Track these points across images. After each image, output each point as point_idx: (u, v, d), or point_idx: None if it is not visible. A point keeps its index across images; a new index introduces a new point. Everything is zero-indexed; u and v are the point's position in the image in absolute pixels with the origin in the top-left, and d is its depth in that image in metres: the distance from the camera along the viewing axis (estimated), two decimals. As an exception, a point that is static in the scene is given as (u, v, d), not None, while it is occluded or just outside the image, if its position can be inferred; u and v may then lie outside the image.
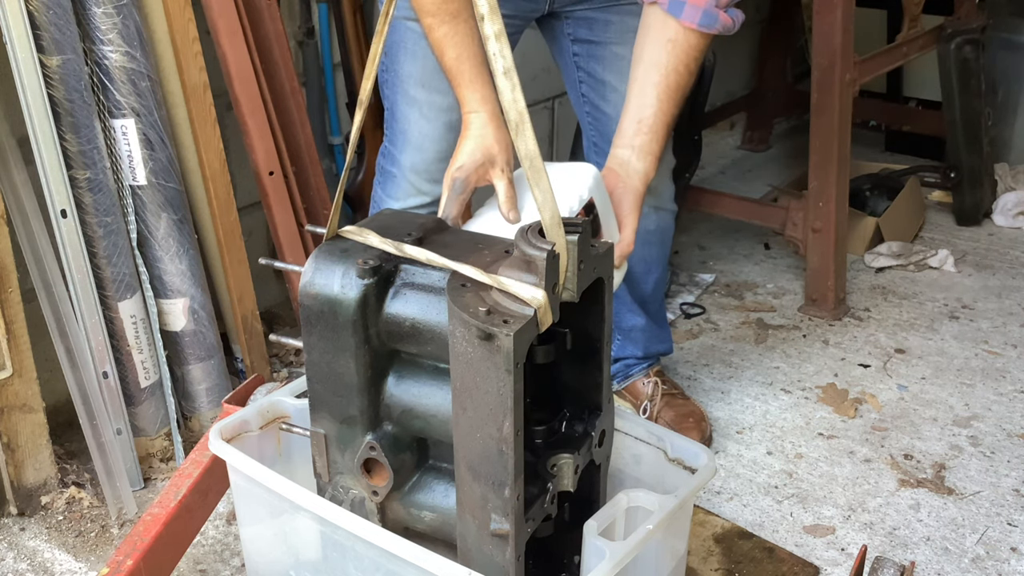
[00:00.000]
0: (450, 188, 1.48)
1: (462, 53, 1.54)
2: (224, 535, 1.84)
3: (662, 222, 2.01)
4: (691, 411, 2.10)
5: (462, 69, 1.54)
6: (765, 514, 1.90)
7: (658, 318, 2.16)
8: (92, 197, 1.83)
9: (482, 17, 1.05)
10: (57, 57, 1.74)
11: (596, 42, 1.81)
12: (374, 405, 1.27)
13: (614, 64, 1.79)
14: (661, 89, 1.54)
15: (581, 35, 1.81)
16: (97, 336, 1.85)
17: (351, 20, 2.44)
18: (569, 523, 1.34)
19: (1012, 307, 2.67)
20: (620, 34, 1.76)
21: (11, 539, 1.82)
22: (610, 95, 1.80)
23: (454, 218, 1.46)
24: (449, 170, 1.50)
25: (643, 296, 2.09)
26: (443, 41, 1.54)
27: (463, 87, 1.54)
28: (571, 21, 1.81)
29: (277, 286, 2.52)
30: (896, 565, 1.39)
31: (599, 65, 1.82)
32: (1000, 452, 2.08)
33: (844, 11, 2.38)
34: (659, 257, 2.06)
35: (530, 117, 1.08)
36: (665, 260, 2.10)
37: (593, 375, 1.28)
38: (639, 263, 2.02)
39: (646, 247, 1.99)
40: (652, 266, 2.06)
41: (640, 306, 2.10)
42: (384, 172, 1.89)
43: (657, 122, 1.55)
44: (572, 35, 1.82)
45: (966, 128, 3.03)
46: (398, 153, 1.83)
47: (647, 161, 1.55)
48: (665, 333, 2.19)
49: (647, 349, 2.16)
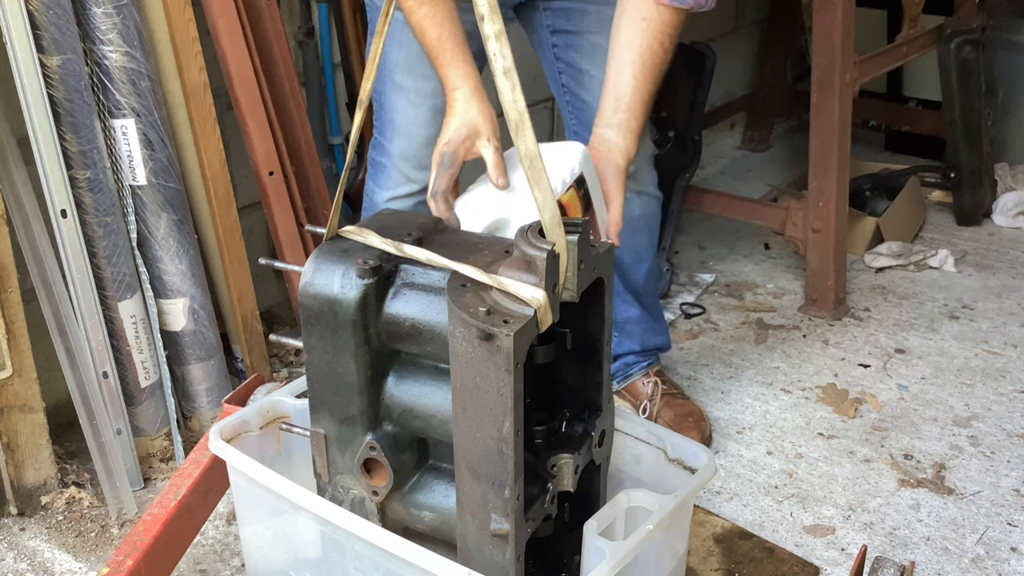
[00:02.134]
0: (438, 163, 1.50)
1: (443, 33, 1.56)
2: (224, 535, 1.84)
3: (647, 208, 2.01)
4: (691, 411, 2.10)
5: (443, 48, 1.56)
6: (765, 514, 1.90)
7: (653, 311, 2.16)
8: (92, 197, 1.83)
9: (482, 17, 1.05)
10: (57, 57, 1.74)
11: (574, 32, 1.82)
12: (374, 405, 1.27)
13: (592, 53, 1.81)
14: (637, 68, 1.58)
15: (560, 26, 1.83)
16: (97, 336, 1.85)
17: (351, 20, 2.44)
18: (569, 523, 1.34)
19: (1012, 307, 2.67)
20: (597, 23, 1.77)
21: (11, 539, 1.82)
22: (588, 83, 1.82)
23: (444, 192, 1.48)
24: (437, 146, 1.52)
25: (635, 286, 2.09)
26: (423, 22, 1.56)
27: (445, 66, 1.57)
28: (550, 13, 1.83)
29: (277, 286, 2.52)
30: (896, 565, 1.39)
31: (577, 54, 1.83)
32: (1000, 452, 2.08)
33: (844, 11, 2.38)
34: (648, 245, 2.06)
35: (530, 117, 1.08)
36: (654, 249, 2.10)
37: (593, 375, 1.28)
38: (628, 252, 2.03)
39: (633, 235, 2.00)
40: (642, 255, 2.06)
41: (634, 297, 2.09)
42: (375, 163, 1.91)
43: (635, 100, 1.59)
44: (551, 26, 1.84)
45: (966, 128, 3.03)
46: (387, 142, 1.85)
47: (628, 139, 1.59)
48: (662, 326, 2.19)
49: (644, 342, 2.15)
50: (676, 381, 2.27)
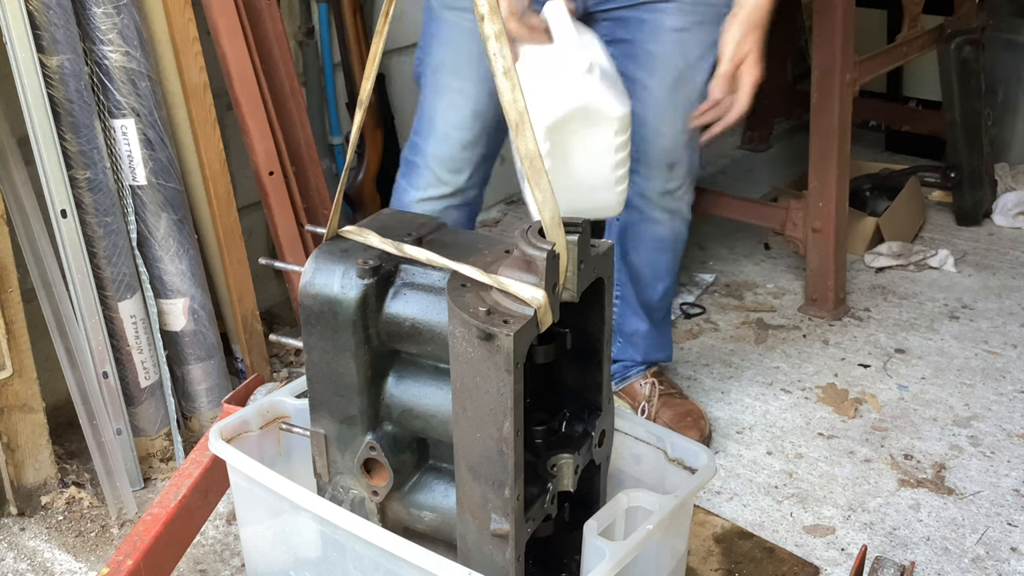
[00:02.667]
0: None
1: None
2: (224, 535, 1.84)
3: (676, 229, 2.01)
4: (689, 410, 2.10)
5: None
6: (765, 514, 1.90)
7: (662, 327, 2.16)
8: (92, 197, 1.83)
9: (482, 17, 1.05)
10: (57, 57, 1.74)
11: (629, 40, 1.82)
12: (374, 405, 1.27)
13: (647, 62, 1.81)
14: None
15: (616, 35, 1.83)
16: (97, 336, 1.85)
17: (351, 20, 2.44)
18: (569, 523, 1.34)
19: (1012, 307, 2.67)
20: (653, 32, 1.79)
21: (11, 539, 1.82)
22: (641, 93, 1.81)
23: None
24: None
25: (649, 303, 2.09)
26: None
27: None
28: (607, 23, 1.82)
29: (277, 286, 2.52)
30: (896, 565, 1.39)
31: (632, 63, 1.83)
32: (1000, 452, 2.08)
33: (844, 11, 2.37)
34: (669, 266, 2.07)
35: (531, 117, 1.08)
36: (675, 271, 2.10)
37: (593, 375, 1.28)
38: (648, 267, 2.04)
39: (657, 254, 2.01)
40: (662, 274, 2.06)
41: (645, 312, 2.10)
42: (408, 162, 1.90)
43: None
44: (607, 36, 1.83)
45: (966, 128, 3.03)
46: (423, 142, 1.85)
47: None
48: (666, 340, 2.20)
49: (647, 355, 2.16)
50: (676, 381, 2.27)
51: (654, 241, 1.99)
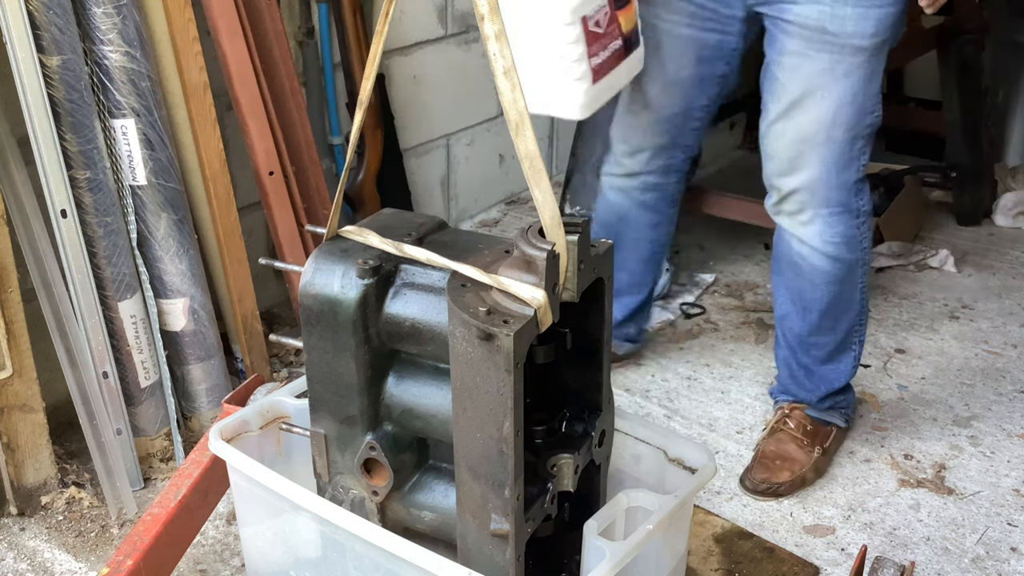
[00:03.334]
0: None
1: None
2: (224, 535, 1.84)
3: (803, 255, 1.92)
4: (780, 453, 1.98)
5: None
6: (765, 514, 1.90)
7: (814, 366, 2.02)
8: (92, 197, 1.83)
9: (482, 17, 1.05)
10: (57, 57, 1.74)
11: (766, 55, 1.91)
12: (374, 405, 1.27)
13: (769, 82, 1.93)
14: None
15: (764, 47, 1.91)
16: (97, 336, 1.85)
17: (351, 20, 2.44)
18: (569, 523, 1.34)
19: (1012, 307, 2.67)
20: (778, 53, 1.87)
21: (11, 539, 1.82)
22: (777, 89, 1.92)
23: None
24: None
25: (800, 335, 2.00)
26: None
27: None
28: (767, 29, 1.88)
29: (277, 286, 2.52)
30: (896, 565, 1.39)
31: (777, 68, 1.91)
32: (1000, 452, 2.08)
33: (844, 11, 2.37)
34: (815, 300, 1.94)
35: (530, 117, 1.08)
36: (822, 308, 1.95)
37: (593, 375, 1.28)
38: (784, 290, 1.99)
39: (796, 279, 1.94)
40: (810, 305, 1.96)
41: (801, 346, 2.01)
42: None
43: None
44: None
45: (966, 128, 3.03)
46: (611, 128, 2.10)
47: None
48: (815, 382, 2.04)
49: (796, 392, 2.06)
50: (676, 381, 2.27)
51: (788, 261, 1.94)
